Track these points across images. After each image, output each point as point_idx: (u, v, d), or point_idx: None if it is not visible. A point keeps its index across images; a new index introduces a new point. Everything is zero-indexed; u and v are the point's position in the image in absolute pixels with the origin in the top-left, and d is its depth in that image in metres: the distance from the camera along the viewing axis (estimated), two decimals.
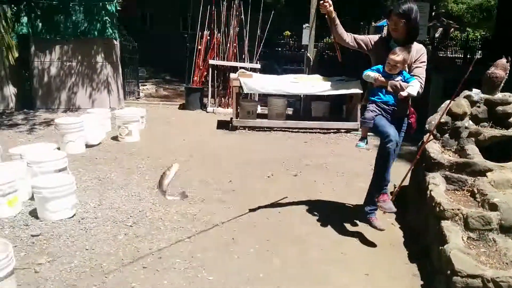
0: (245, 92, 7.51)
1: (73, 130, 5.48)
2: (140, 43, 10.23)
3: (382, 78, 3.34)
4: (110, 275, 2.87)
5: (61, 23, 7.95)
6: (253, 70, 8.30)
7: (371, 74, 3.39)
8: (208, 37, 8.88)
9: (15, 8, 8.04)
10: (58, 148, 5.35)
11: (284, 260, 3.20)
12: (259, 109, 8.11)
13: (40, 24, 7.89)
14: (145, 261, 3.08)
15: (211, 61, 8.67)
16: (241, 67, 8.30)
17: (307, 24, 8.17)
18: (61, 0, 7.89)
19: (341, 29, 3.39)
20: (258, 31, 8.91)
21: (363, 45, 3.46)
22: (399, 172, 3.96)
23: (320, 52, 9.89)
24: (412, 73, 3.32)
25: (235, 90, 7.10)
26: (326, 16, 3.36)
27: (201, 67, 9.01)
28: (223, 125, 7.47)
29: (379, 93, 3.39)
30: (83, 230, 3.48)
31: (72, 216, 3.70)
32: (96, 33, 8.06)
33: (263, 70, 8.78)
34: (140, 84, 10.62)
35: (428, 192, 3.30)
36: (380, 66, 3.39)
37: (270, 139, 6.82)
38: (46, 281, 2.75)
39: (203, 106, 8.91)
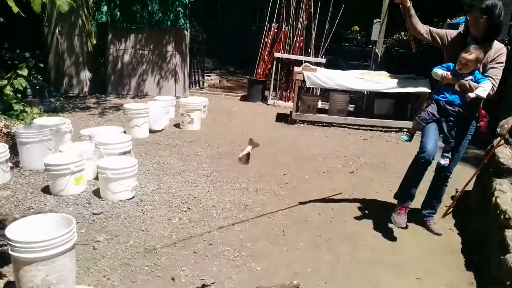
0: (307, 86, 7.40)
1: (139, 116, 5.73)
2: (209, 34, 10.45)
3: (450, 76, 3.14)
4: (162, 257, 2.97)
5: (137, 12, 8.30)
6: (318, 64, 8.16)
7: (439, 71, 3.21)
8: (276, 30, 8.86)
9: None
10: (124, 132, 5.64)
11: (334, 257, 3.13)
12: (320, 104, 7.97)
13: (118, 13, 8.29)
14: (196, 246, 3.15)
15: (276, 54, 8.65)
16: (305, 61, 8.19)
17: (378, 19, 7.88)
18: None
19: (416, 20, 3.26)
20: (327, 26, 8.73)
21: (438, 38, 3.30)
22: (463, 176, 3.72)
23: (388, 48, 9.50)
24: (486, 74, 3.09)
25: (298, 83, 7.03)
26: (400, 6, 3.23)
27: (266, 60, 9.03)
28: (282, 118, 7.44)
29: (445, 92, 3.20)
30: (140, 212, 3.63)
31: (132, 198, 3.88)
32: (169, 23, 8.33)
33: (328, 65, 8.61)
34: (205, 74, 10.87)
35: (494, 198, 3.06)
36: (451, 64, 3.19)
37: (329, 135, 6.68)
38: (103, 258, 2.90)
39: (264, 99, 8.93)
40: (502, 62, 3.11)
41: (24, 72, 6.18)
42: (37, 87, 7.39)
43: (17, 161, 4.52)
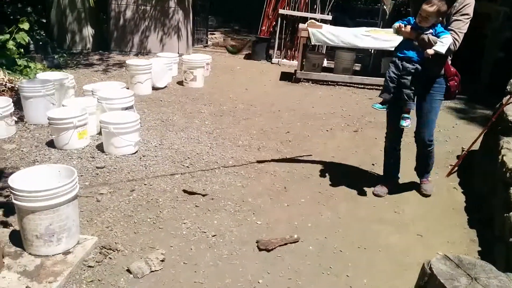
0: (312, 44, 7.25)
1: (142, 72, 5.67)
2: None
3: (407, 29, 2.92)
4: (164, 210, 3.02)
5: None
6: (324, 21, 7.94)
7: (396, 24, 2.99)
8: None
9: None
10: (127, 88, 5.61)
11: (335, 213, 3.18)
12: (325, 63, 7.83)
13: None
14: (197, 200, 3.20)
15: (281, 11, 8.42)
16: (311, 18, 7.98)
17: None
18: None
19: None
20: None
21: None
22: (470, 136, 3.68)
23: (397, 6, 9.20)
24: (449, 27, 2.87)
25: (303, 41, 6.87)
26: None
27: (270, 17, 8.80)
28: (286, 76, 7.34)
29: (404, 49, 3.01)
30: (143, 167, 3.67)
31: (135, 153, 3.91)
32: None
33: (334, 22, 8.38)
34: (208, 32, 10.66)
35: (500, 157, 3.04)
36: (412, 18, 2.98)
37: (334, 94, 6.60)
38: (106, 210, 2.96)
39: (269, 57, 8.78)
40: (467, 14, 2.84)
41: (26, 26, 6.08)
42: (40, 43, 7.30)
43: (22, 116, 4.54)
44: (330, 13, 8.46)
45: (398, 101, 3.08)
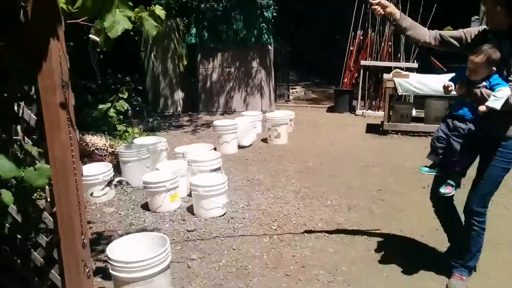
0: (399, 94, 6.99)
1: (228, 132, 5.84)
2: (292, 46, 10.45)
3: (451, 87, 2.52)
4: (254, 279, 2.92)
5: (223, 32, 8.60)
6: (409, 69, 7.68)
7: (445, 84, 2.59)
8: (361, 37, 8.56)
9: (186, 20, 9.03)
10: (215, 149, 5.79)
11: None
12: (414, 112, 7.46)
13: (206, 34, 8.67)
14: (288, 268, 3.05)
15: (363, 62, 8.34)
16: (395, 67, 7.76)
17: (476, 17, 7.20)
18: (225, 10, 8.55)
19: (415, 31, 2.64)
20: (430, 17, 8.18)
21: (454, 42, 2.61)
22: None
23: None
24: (509, 77, 2.41)
25: (388, 91, 6.66)
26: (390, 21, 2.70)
27: (352, 69, 8.74)
28: (372, 128, 7.09)
29: (457, 105, 2.66)
30: (231, 230, 3.64)
31: (223, 215, 3.91)
32: (253, 40, 8.49)
33: (421, 70, 8.06)
34: (290, 87, 10.87)
35: None
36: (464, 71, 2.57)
37: (427, 145, 6.16)
38: (197, 277, 2.93)
39: (352, 109, 8.63)
40: None
41: (125, 95, 6.68)
42: (137, 108, 7.96)
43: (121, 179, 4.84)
44: (415, 61, 8.18)
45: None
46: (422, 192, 4.41)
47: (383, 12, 2.62)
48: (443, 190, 2.69)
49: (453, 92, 2.56)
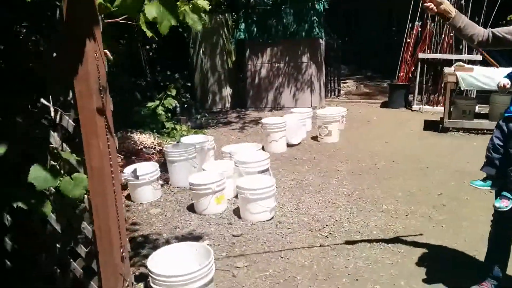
0: (461, 89, 6.45)
1: (277, 130, 5.65)
2: (344, 39, 10.05)
3: (509, 84, 2.30)
4: None
5: (272, 26, 8.39)
6: (472, 62, 7.09)
7: (500, 82, 2.34)
8: (419, 29, 8.02)
9: (235, 15, 8.91)
10: (263, 147, 5.62)
11: None
12: (477, 108, 6.87)
13: (255, 29, 8.50)
14: (339, 281, 2.82)
15: (421, 55, 7.81)
16: (456, 60, 7.20)
17: None
18: (274, 4, 8.33)
19: (470, 31, 2.35)
20: (482, 17, 7.56)
21: (509, 37, 2.28)
22: None
23: None
24: None
25: (450, 86, 6.16)
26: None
27: (409, 62, 8.23)
28: (431, 126, 6.61)
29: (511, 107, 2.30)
30: (279, 235, 3.45)
31: (271, 219, 3.73)
32: (303, 34, 8.21)
33: (485, 63, 7.42)
34: (341, 81, 10.48)
35: None
36: None
37: None
38: None
39: (408, 104, 8.13)
40: None
41: (173, 92, 6.67)
42: (186, 105, 7.95)
43: (167, 178, 4.80)
44: (479, 53, 7.53)
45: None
46: (488, 198, 3.99)
47: (436, 10, 2.32)
48: (498, 204, 2.33)
49: None
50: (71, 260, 2.14)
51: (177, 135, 6.44)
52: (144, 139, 5.74)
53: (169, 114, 6.68)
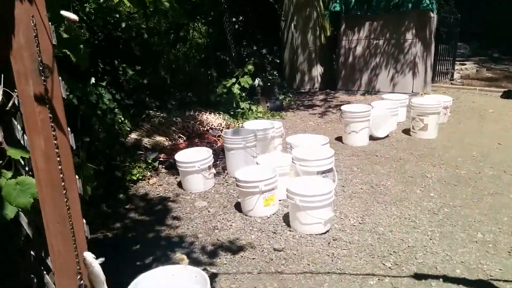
0: None
1: (358, 120, 4.83)
2: (465, 12, 8.48)
3: None
4: None
5: None
6: None
7: None
8: None
9: None
10: (340, 139, 4.88)
11: None
12: None
13: (353, 0, 7.53)
14: None
15: None
16: None
17: None
18: None
19: None
20: None
21: None
22: None
23: None
24: None
25: None
26: None
27: None
28: None
29: None
30: (329, 257, 2.77)
31: (324, 233, 3.06)
32: (409, 5, 7.04)
33: None
34: (456, 63, 8.95)
35: None
36: None
37: None
38: None
39: None
40: None
41: (251, 69, 6.16)
42: (268, 84, 7.42)
43: (225, 166, 4.36)
44: None
45: None
46: None
47: None
48: None
49: None
50: (45, 272, 1.79)
51: (251, 116, 5.97)
52: (212, 119, 5.36)
53: (244, 94, 6.21)
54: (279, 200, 3.49)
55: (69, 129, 1.47)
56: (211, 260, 2.80)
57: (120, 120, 4.41)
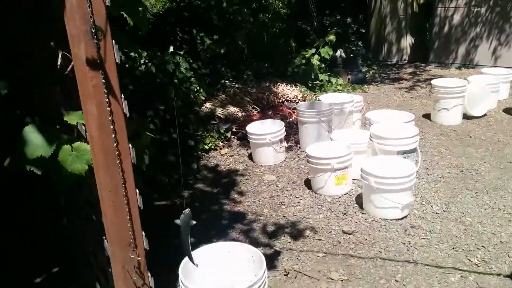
0: None
1: (450, 96, 4.32)
2: None
3: None
4: None
5: None
6: None
7: None
8: None
9: None
10: (428, 116, 4.45)
11: None
12: None
13: None
14: None
15: None
16: None
17: None
18: None
19: None
20: None
21: None
22: None
23: None
24: None
25: None
26: None
27: None
28: None
29: None
30: (405, 246, 2.52)
31: (401, 219, 2.79)
32: None
33: None
34: None
35: None
36: None
37: None
38: None
39: None
40: None
41: (332, 39, 5.82)
42: (351, 55, 7.00)
43: (298, 140, 4.19)
44: None
45: None
46: None
47: None
48: None
49: None
50: (104, 237, 1.81)
51: (330, 89, 5.68)
52: (288, 91, 5.18)
53: (323, 65, 5.90)
54: (353, 180, 3.26)
55: (122, 95, 1.41)
56: (274, 237, 2.69)
57: (195, 90, 4.42)
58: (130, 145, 1.48)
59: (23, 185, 1.99)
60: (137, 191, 1.53)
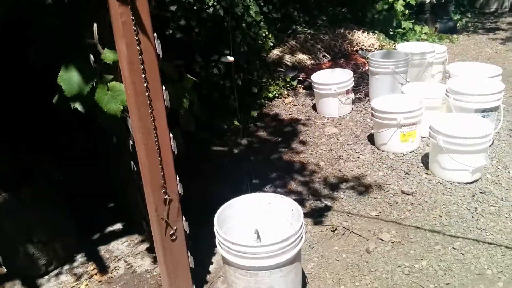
0: None
1: None
2: None
3: None
4: None
5: None
6: None
7: None
8: None
9: None
10: None
11: None
12: None
13: None
14: None
15: None
16: None
17: None
18: None
19: None
20: None
21: None
22: None
23: None
24: None
25: None
26: None
27: None
28: None
29: None
30: (470, 212, 2.29)
31: (470, 183, 2.53)
32: None
33: None
34: None
35: None
36: None
37: None
38: (369, 273, 1.96)
39: None
40: None
41: None
42: (442, 1, 6.26)
43: (368, 92, 3.93)
44: None
45: None
46: None
47: None
48: None
49: None
50: None
51: (413, 39, 5.20)
52: (364, 39, 4.82)
53: (410, 12, 5.36)
54: (421, 137, 3.00)
55: (155, 34, 1.36)
56: (327, 192, 2.60)
57: (264, 35, 4.27)
58: (164, 87, 1.45)
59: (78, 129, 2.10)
60: (171, 135, 1.52)
